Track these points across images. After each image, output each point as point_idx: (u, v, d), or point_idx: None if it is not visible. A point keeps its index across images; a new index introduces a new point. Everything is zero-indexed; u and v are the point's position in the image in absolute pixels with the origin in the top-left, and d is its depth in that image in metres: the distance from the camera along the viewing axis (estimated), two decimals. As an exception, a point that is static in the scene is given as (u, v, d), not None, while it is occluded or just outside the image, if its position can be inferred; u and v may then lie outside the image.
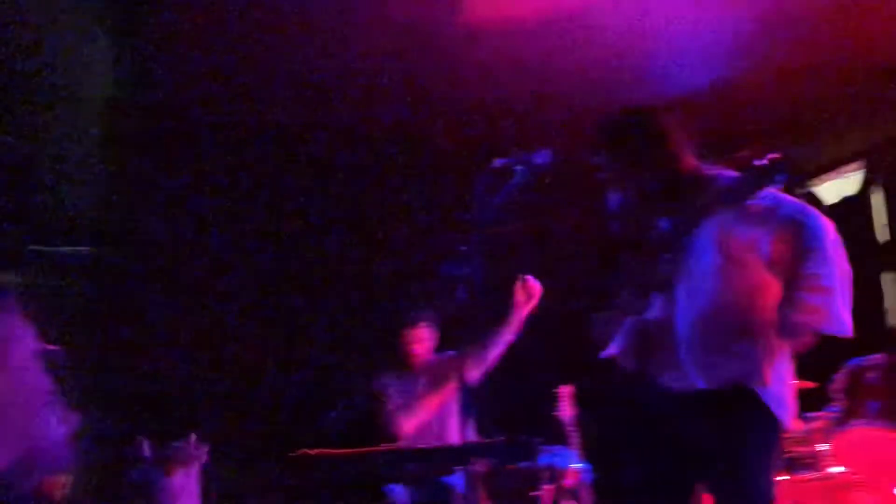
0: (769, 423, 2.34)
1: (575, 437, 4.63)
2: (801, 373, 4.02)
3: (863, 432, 3.31)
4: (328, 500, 3.11)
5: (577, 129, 2.96)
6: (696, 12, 4.36)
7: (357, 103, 5.18)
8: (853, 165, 5.99)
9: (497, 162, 2.63)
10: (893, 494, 3.45)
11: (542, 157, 2.60)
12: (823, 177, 6.16)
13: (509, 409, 4.84)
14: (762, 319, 2.34)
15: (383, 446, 4.06)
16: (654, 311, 2.45)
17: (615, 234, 2.62)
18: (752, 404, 2.31)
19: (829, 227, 2.32)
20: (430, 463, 3.67)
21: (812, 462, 3.71)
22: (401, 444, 4.28)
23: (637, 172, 2.48)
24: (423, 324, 4.58)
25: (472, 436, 4.19)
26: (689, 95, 5.00)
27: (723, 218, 2.31)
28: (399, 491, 4.11)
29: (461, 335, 2.63)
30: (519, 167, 2.61)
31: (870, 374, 3.33)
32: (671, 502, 2.49)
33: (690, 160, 2.47)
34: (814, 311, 2.24)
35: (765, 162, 2.19)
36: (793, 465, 3.90)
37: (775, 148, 6.00)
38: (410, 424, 4.35)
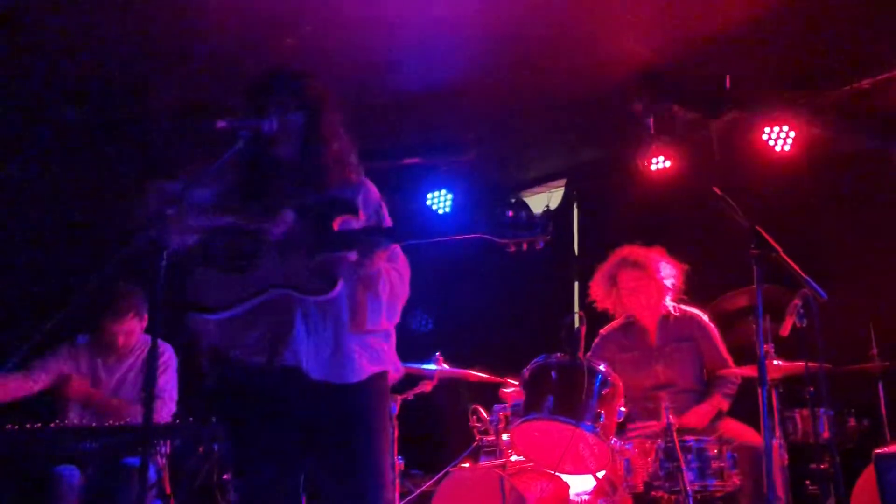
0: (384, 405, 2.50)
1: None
2: (495, 368, 4.30)
3: (537, 424, 3.58)
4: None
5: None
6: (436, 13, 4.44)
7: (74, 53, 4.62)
8: (557, 182, 6.55)
9: (220, 123, 2.42)
10: (561, 480, 3.79)
11: (268, 126, 2.45)
12: (532, 189, 6.67)
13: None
14: None
15: (53, 424, 3.63)
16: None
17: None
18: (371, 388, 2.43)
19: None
20: (108, 442, 3.36)
21: (496, 450, 3.97)
22: (73, 421, 3.86)
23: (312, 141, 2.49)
24: (132, 314, 4.16)
25: (161, 416, 3.91)
26: (418, 92, 5.11)
27: None
28: (70, 472, 3.70)
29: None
30: (244, 132, 2.43)
31: (550, 371, 3.60)
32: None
33: (353, 165, 2.56)
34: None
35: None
36: (478, 453, 4.14)
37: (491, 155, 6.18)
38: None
